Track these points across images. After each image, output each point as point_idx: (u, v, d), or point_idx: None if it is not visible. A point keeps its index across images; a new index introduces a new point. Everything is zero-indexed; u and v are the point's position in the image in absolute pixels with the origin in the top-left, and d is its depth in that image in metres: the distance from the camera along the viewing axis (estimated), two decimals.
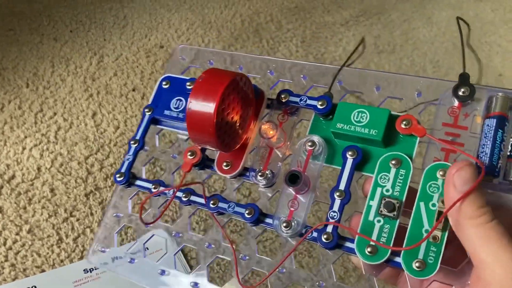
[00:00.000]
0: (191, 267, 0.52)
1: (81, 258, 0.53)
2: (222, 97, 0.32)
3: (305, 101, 0.36)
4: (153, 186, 0.39)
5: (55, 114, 0.66)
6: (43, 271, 0.52)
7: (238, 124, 0.35)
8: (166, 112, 0.40)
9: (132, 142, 0.41)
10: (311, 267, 0.50)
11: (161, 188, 0.39)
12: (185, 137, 0.42)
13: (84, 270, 0.51)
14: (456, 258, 0.31)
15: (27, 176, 0.59)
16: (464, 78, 0.33)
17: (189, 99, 0.32)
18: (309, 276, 0.34)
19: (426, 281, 0.31)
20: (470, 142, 0.32)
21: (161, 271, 0.38)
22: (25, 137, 0.64)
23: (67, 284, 0.50)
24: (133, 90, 0.67)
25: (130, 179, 0.40)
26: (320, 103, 0.35)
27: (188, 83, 0.41)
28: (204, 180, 0.40)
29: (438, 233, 0.30)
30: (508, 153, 0.30)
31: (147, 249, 0.39)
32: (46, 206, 0.56)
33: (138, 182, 0.40)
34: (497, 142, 0.30)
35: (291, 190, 0.34)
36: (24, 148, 0.62)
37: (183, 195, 0.38)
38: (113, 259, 0.40)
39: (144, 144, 0.41)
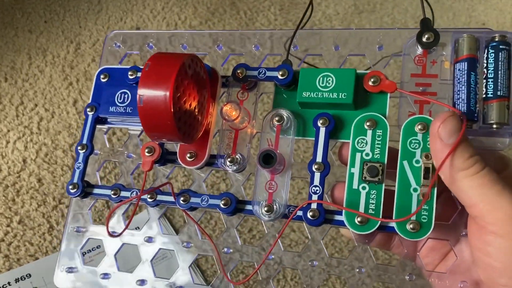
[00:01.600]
0: (177, 232, 0.52)
1: None
2: (175, 84, 0.28)
3: (264, 73, 0.33)
4: (113, 192, 0.35)
5: (36, 105, 0.66)
6: (36, 259, 0.54)
7: (197, 111, 0.32)
8: (112, 109, 0.36)
9: (79, 148, 0.37)
10: (299, 245, 0.49)
11: (123, 193, 0.35)
12: (137, 132, 0.38)
13: None
14: (445, 212, 0.30)
15: (13, 169, 0.61)
16: (426, 24, 0.31)
17: (138, 93, 0.28)
18: (299, 257, 0.32)
19: (421, 240, 0.30)
20: (442, 89, 0.31)
21: (140, 282, 0.35)
22: (8, 130, 0.64)
23: None
24: None
25: (85, 188, 0.36)
26: (280, 73, 0.33)
27: (130, 73, 0.37)
28: (167, 176, 0.37)
29: (426, 189, 0.28)
30: (484, 96, 0.29)
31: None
32: (35, 196, 0.58)
33: (96, 190, 0.36)
34: (471, 86, 0.29)
35: (266, 172, 0.32)
36: (8, 142, 0.63)
37: (149, 197, 0.34)
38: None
39: (93, 147, 0.37)
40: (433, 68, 0.31)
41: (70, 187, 0.36)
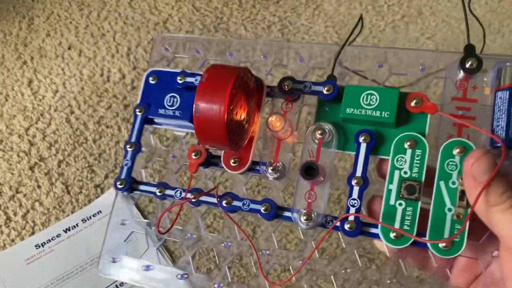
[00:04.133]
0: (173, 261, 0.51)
1: (32, 234, 0.51)
2: (230, 97, 0.30)
3: (310, 87, 0.35)
4: (158, 190, 0.38)
5: None
6: None
7: (245, 120, 0.33)
8: (161, 111, 0.38)
9: (128, 146, 0.39)
10: (331, 254, 0.50)
11: (167, 192, 0.37)
12: (183, 134, 0.40)
13: (35, 246, 0.50)
14: (476, 230, 0.31)
15: None
16: (470, 50, 0.32)
17: (195, 103, 0.30)
18: (333, 265, 0.34)
19: (456, 259, 0.32)
20: (481, 114, 0.32)
21: (180, 276, 0.37)
22: None
23: (19, 263, 0.49)
24: (69, 48, 0.63)
25: (132, 184, 0.38)
26: (326, 88, 0.34)
27: (179, 77, 0.38)
28: (210, 178, 0.39)
29: (461, 210, 0.30)
30: None
31: None
32: None
33: (141, 187, 0.38)
34: (511, 114, 0.30)
35: (306, 182, 0.33)
36: None
37: (193, 196, 0.36)
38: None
39: (141, 146, 0.39)
40: (474, 93, 0.32)
41: (118, 182, 0.38)
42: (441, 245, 0.30)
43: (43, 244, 0.49)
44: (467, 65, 0.32)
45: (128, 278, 0.37)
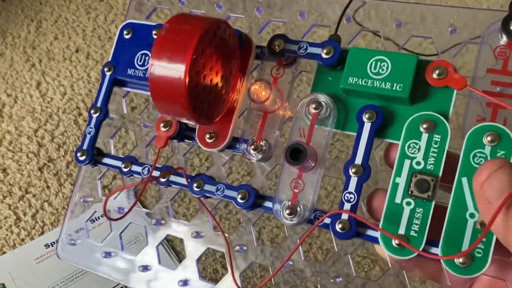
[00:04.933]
0: (180, 260, 0.46)
1: (42, 234, 0.52)
2: (194, 55, 0.23)
3: (306, 49, 0.28)
4: (124, 165, 0.32)
5: None
6: (4, 253, 0.51)
7: (220, 87, 0.27)
8: (130, 71, 0.32)
9: (92, 111, 0.33)
10: (324, 255, 0.44)
11: (134, 168, 0.31)
12: None
13: (45, 245, 0.50)
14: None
15: None
16: None
17: (150, 61, 0.24)
18: (321, 269, 0.28)
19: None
20: None
21: (142, 268, 0.31)
22: None
23: (29, 262, 0.49)
24: (77, 51, 0.63)
25: (95, 156, 0.33)
26: (325, 51, 0.27)
27: (154, 32, 0.32)
28: (185, 154, 0.33)
29: (487, 219, 0.23)
30: None
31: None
32: (0, 188, 0.55)
33: (106, 160, 0.33)
34: None
35: (293, 168, 0.27)
36: None
37: (161, 175, 0.31)
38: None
39: (108, 112, 0.33)
40: None
41: (79, 153, 0.32)
42: (457, 261, 0.23)
43: (52, 243, 0.50)
44: None
45: (84, 264, 0.32)
